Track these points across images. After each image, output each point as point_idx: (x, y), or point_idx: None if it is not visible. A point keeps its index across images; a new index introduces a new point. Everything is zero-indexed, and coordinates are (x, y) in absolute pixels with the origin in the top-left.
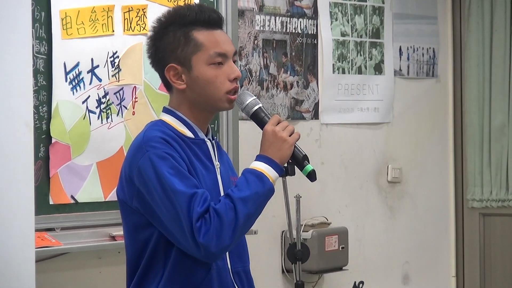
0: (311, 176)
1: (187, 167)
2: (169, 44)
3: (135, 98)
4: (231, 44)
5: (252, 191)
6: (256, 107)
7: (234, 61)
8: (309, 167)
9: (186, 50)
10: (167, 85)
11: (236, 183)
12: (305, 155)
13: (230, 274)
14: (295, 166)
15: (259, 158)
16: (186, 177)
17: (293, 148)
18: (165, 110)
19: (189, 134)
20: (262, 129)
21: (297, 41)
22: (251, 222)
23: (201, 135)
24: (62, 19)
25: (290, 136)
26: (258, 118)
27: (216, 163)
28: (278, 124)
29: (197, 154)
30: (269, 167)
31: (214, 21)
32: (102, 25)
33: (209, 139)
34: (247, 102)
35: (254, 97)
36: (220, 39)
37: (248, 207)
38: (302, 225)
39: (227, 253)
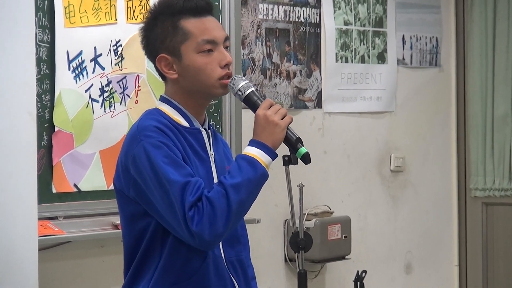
0: (305, 158)
1: (182, 155)
2: (158, 34)
3: (138, 86)
4: (221, 30)
5: (244, 177)
6: (248, 91)
7: (226, 47)
8: (303, 149)
9: (174, 40)
10: (161, 74)
11: (229, 170)
12: (298, 137)
13: (224, 263)
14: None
15: (252, 143)
16: (180, 165)
17: (286, 131)
18: (162, 99)
19: (184, 123)
20: (254, 113)
21: (300, 30)
22: (245, 208)
23: (197, 124)
24: (65, 8)
25: (282, 119)
26: (251, 102)
27: (211, 152)
28: (270, 108)
29: (191, 143)
30: (262, 151)
31: (202, 8)
32: (105, 13)
33: (204, 128)
34: (239, 86)
35: (246, 81)
36: (209, 26)
37: (241, 193)
38: (304, 214)
39: (220, 242)
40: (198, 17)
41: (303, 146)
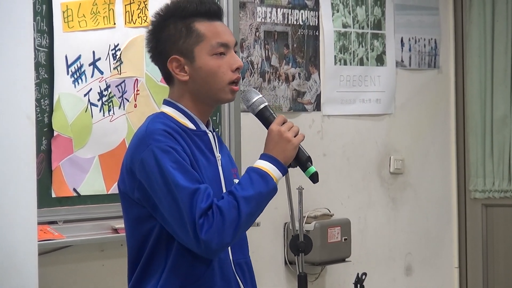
0: (314, 177)
1: (190, 160)
2: (170, 36)
3: (137, 90)
4: (231, 35)
5: (256, 190)
6: (262, 106)
7: (235, 52)
8: (312, 169)
9: (188, 42)
10: (168, 77)
11: (239, 181)
12: (309, 156)
13: (232, 265)
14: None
15: (264, 157)
16: (188, 171)
17: (298, 149)
18: (166, 102)
19: (191, 125)
20: (266, 128)
21: (299, 33)
22: (252, 221)
23: (203, 127)
24: (64, 12)
25: (295, 137)
26: (264, 117)
27: (217, 154)
28: (283, 124)
29: (199, 146)
30: (274, 166)
31: (214, 13)
32: (104, 17)
33: (210, 131)
34: (254, 100)
35: (261, 95)
36: (222, 30)
37: (251, 206)
38: (304, 216)
39: None
40: (210, 21)
41: (312, 165)
